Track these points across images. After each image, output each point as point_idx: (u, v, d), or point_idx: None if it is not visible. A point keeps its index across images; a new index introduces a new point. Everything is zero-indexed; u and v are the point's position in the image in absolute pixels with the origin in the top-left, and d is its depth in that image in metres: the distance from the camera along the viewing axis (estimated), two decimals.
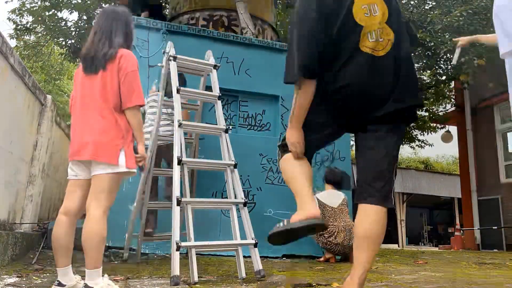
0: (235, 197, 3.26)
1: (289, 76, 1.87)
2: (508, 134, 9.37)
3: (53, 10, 10.02)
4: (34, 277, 2.82)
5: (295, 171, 1.94)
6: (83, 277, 2.27)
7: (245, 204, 3.21)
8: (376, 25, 1.87)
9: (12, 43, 11.88)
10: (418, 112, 10.51)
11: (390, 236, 16.63)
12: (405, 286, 2.65)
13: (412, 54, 9.39)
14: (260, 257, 3.37)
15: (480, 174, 9.60)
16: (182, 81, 4.09)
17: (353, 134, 2.03)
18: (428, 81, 11.16)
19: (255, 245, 3.04)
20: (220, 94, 3.68)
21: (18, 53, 10.05)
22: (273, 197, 4.88)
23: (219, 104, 3.61)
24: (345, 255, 4.52)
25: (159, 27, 4.84)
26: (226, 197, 3.58)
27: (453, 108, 11.23)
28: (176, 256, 2.75)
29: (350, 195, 4.98)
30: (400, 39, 1.90)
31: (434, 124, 12.26)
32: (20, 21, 10.94)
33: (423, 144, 13.92)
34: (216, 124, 3.61)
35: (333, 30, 1.84)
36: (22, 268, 3.19)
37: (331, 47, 1.84)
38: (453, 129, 11.81)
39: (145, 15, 6.07)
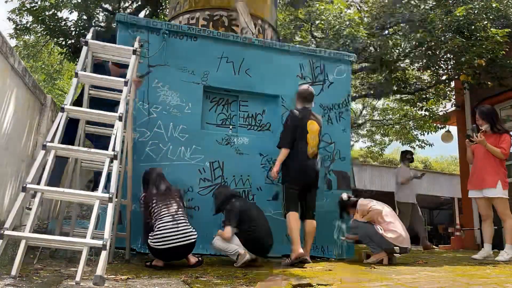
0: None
1: None
2: None
3: (53, 10, 10.01)
4: (34, 277, 2.82)
5: None
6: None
7: (110, 199, 2.74)
8: None
9: (12, 43, 11.89)
10: (419, 112, 10.44)
11: None
12: (405, 286, 2.65)
13: (413, 54, 9.37)
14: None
15: None
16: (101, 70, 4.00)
17: (353, 134, 2.03)
18: (428, 80, 11.17)
19: (103, 248, 2.54)
20: (127, 80, 3.41)
21: (18, 53, 10.05)
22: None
23: (124, 91, 3.38)
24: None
25: (159, 27, 4.83)
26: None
27: (453, 108, 11.24)
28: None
29: (351, 194, 4.99)
30: None
31: (434, 124, 12.27)
32: (20, 21, 10.95)
33: (423, 144, 13.95)
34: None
35: None
36: (22, 268, 3.19)
37: None
38: (453, 129, 11.81)
39: None
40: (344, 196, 4.85)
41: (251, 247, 3.86)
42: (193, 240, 3.61)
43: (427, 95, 11.72)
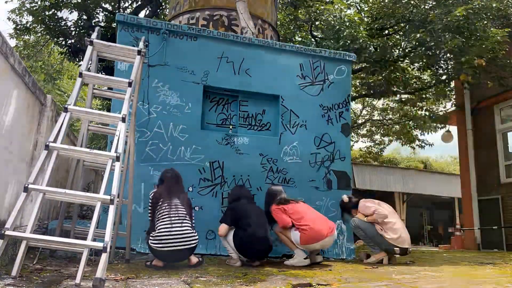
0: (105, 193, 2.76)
1: None
2: (508, 134, 9.37)
3: (53, 10, 10.02)
4: (34, 277, 2.82)
5: None
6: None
7: (112, 201, 2.66)
8: None
9: (12, 43, 11.89)
10: (419, 112, 10.44)
11: None
12: (405, 286, 2.65)
13: (413, 54, 9.36)
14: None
15: (480, 174, 9.60)
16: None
17: (353, 134, 2.01)
18: (428, 80, 11.18)
19: (104, 250, 2.46)
20: (131, 81, 3.39)
21: (18, 53, 10.04)
22: None
23: (128, 91, 3.36)
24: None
25: (159, 27, 4.83)
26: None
27: (453, 108, 11.25)
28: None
29: (350, 194, 4.99)
30: None
31: (434, 124, 12.27)
32: (20, 21, 10.95)
33: (423, 144, 13.95)
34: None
35: None
36: (22, 268, 3.19)
37: None
38: (453, 129, 11.82)
39: None
40: (345, 198, 4.87)
41: (243, 249, 3.92)
42: (194, 245, 3.59)
43: (427, 95, 11.72)
